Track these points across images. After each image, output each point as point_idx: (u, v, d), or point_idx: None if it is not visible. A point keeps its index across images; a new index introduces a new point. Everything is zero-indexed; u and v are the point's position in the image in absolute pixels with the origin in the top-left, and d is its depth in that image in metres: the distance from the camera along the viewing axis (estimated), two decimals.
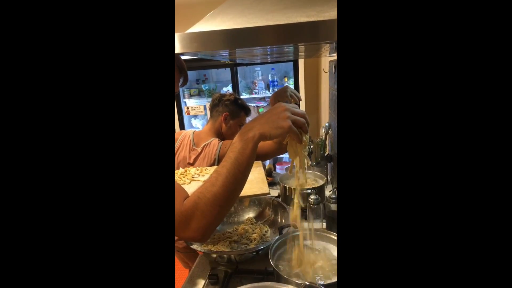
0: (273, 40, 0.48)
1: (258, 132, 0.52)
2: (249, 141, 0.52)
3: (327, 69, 1.54)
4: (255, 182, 0.86)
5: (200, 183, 0.85)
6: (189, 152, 1.21)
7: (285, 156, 2.47)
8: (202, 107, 2.60)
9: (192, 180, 0.84)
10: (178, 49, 0.52)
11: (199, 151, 1.17)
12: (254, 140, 0.52)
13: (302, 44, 0.54)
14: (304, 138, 0.55)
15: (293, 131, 0.52)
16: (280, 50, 0.69)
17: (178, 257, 1.21)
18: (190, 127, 2.78)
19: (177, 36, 0.52)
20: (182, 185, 0.81)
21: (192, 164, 1.17)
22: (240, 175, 0.52)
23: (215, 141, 1.17)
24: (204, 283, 0.76)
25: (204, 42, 0.47)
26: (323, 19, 0.47)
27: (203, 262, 0.86)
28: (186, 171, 0.88)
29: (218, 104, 1.26)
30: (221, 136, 1.24)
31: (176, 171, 0.89)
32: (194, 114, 2.68)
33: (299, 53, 1.03)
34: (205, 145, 1.17)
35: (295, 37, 0.47)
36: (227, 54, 0.69)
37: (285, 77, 2.49)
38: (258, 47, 0.53)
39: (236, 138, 0.54)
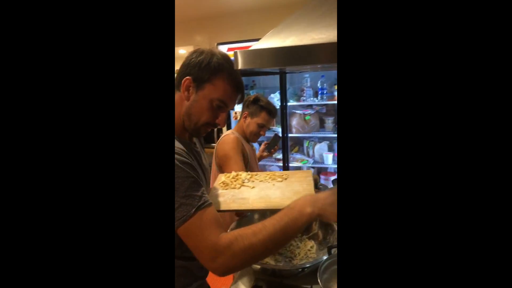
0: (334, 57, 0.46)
1: (317, 212, 0.53)
2: (305, 215, 0.53)
3: None
4: (303, 195, 0.84)
5: (249, 189, 0.86)
6: None
7: (330, 165, 2.39)
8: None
9: (242, 185, 0.85)
10: (240, 65, 0.53)
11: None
12: (311, 217, 0.53)
13: None
14: None
15: None
16: None
17: None
18: None
19: (240, 53, 0.53)
20: (232, 189, 0.82)
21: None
22: (282, 238, 0.53)
23: (225, 135, 1.30)
24: None
25: (267, 59, 0.48)
26: None
27: (248, 271, 0.87)
28: (237, 175, 0.90)
29: (244, 104, 1.39)
30: (243, 132, 1.35)
31: (228, 175, 0.91)
32: None
33: None
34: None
35: None
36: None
37: (335, 85, 2.41)
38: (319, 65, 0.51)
39: (297, 204, 0.55)
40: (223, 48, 2.56)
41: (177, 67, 0.66)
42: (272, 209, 0.74)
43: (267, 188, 0.83)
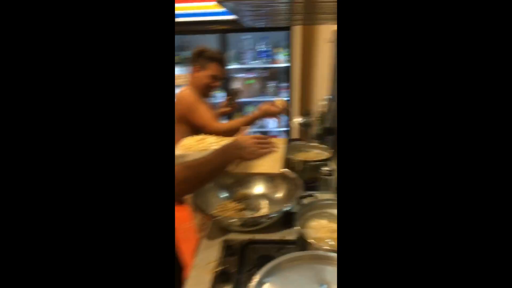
0: None
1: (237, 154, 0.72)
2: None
3: (328, 39, 1.49)
4: (271, 160, 0.83)
5: None
6: None
7: (273, 129, 2.44)
8: (183, 77, 2.43)
9: (205, 149, 0.80)
10: None
11: None
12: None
13: None
14: None
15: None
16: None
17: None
18: None
19: None
20: (199, 152, 0.76)
21: None
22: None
23: (181, 91, 1.24)
24: (221, 256, 0.73)
25: None
26: None
27: (214, 230, 0.83)
28: (202, 139, 0.84)
29: (191, 59, 1.30)
30: (197, 88, 1.27)
31: (194, 137, 0.84)
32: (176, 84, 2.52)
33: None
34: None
35: None
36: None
37: (277, 47, 2.37)
38: None
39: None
40: None
41: None
42: None
43: None
